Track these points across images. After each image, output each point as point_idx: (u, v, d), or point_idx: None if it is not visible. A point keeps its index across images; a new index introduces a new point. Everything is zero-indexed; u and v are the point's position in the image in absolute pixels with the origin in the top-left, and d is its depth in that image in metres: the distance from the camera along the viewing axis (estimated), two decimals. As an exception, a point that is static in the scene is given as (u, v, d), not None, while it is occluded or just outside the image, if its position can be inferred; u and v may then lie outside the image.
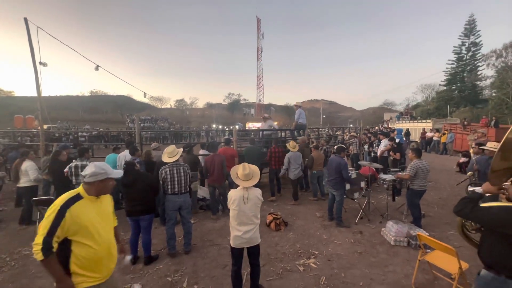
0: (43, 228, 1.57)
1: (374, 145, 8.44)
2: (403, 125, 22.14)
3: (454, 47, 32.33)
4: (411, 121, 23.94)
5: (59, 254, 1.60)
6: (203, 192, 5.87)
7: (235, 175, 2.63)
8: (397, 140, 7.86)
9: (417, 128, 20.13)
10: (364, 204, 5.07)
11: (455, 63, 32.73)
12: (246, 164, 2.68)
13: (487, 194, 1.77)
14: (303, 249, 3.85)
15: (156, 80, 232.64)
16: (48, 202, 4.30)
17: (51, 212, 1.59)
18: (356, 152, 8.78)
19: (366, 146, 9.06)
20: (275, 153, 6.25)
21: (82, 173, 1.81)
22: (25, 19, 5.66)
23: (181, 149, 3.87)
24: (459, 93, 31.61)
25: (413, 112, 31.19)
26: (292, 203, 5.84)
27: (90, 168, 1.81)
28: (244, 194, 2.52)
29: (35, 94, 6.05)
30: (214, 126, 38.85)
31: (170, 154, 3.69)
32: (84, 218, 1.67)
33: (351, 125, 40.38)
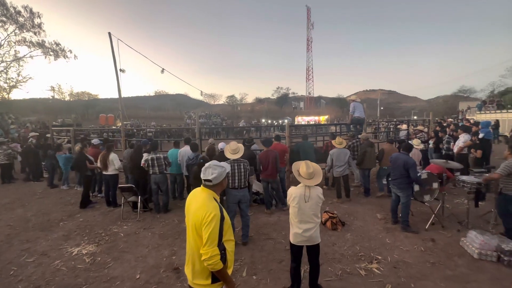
0: (212, 238, 1.55)
1: (443, 141, 7.28)
2: (487, 116, 18.45)
3: None
4: (498, 111, 19.61)
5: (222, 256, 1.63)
6: (256, 186, 6.04)
7: (297, 173, 2.60)
8: (480, 135, 6.62)
9: (506, 119, 16.61)
10: (437, 208, 4.46)
11: None
12: (309, 162, 2.63)
13: None
14: (364, 252, 3.63)
15: (208, 78, 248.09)
16: (130, 189, 5.08)
17: (213, 221, 1.57)
18: (424, 149, 7.76)
19: (430, 142, 7.88)
20: (332, 148, 6.14)
21: (208, 178, 1.68)
22: (109, 33, 6.67)
23: (242, 146, 4.04)
24: None
25: (501, 100, 25.44)
26: (337, 201, 5.66)
27: (213, 170, 1.69)
28: (306, 193, 2.49)
29: (114, 96, 7.15)
30: (263, 121, 39.46)
31: (234, 151, 3.88)
32: (226, 216, 1.70)
33: (415, 117, 35.68)
